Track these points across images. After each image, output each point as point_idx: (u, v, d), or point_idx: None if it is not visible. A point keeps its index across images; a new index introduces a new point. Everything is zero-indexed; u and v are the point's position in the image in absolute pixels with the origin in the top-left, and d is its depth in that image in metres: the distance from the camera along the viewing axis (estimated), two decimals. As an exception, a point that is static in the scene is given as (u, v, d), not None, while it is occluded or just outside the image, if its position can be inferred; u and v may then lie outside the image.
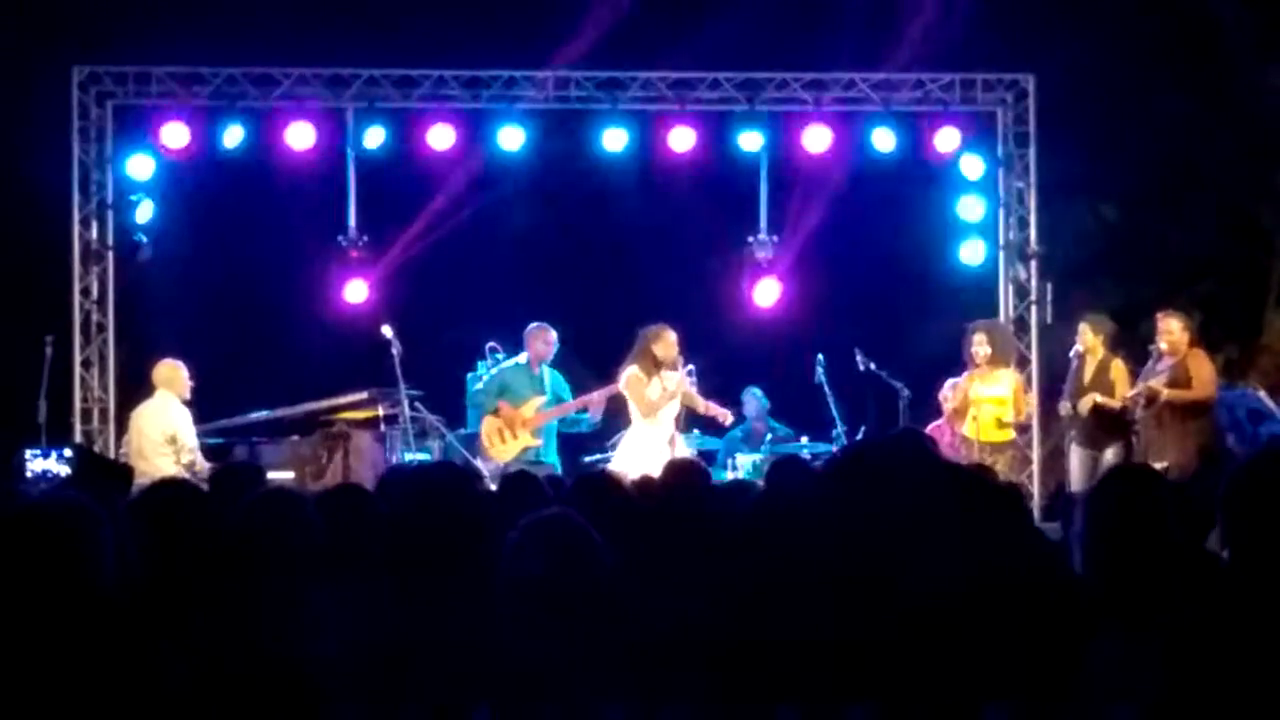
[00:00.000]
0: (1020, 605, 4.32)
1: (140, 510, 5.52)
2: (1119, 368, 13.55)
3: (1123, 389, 13.38)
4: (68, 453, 13.35)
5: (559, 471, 13.13)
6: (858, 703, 3.97)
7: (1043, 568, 4.64)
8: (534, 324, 14.21)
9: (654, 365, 13.60)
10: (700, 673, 4.39)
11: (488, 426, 14.01)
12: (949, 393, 14.38)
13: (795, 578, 4.53)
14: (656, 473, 7.73)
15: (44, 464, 13.26)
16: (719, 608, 4.69)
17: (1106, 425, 13.44)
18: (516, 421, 13.87)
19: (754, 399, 15.89)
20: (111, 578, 4.06)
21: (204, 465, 13.04)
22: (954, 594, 4.14)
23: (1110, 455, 13.29)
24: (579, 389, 14.24)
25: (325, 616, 4.56)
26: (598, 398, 13.98)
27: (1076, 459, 13.65)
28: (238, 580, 4.74)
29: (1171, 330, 13.15)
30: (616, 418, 14.64)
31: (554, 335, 14.15)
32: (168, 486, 5.92)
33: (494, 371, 14.19)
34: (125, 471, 6.85)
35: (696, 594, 4.86)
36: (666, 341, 13.62)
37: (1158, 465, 11.63)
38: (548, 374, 14.14)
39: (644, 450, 13.27)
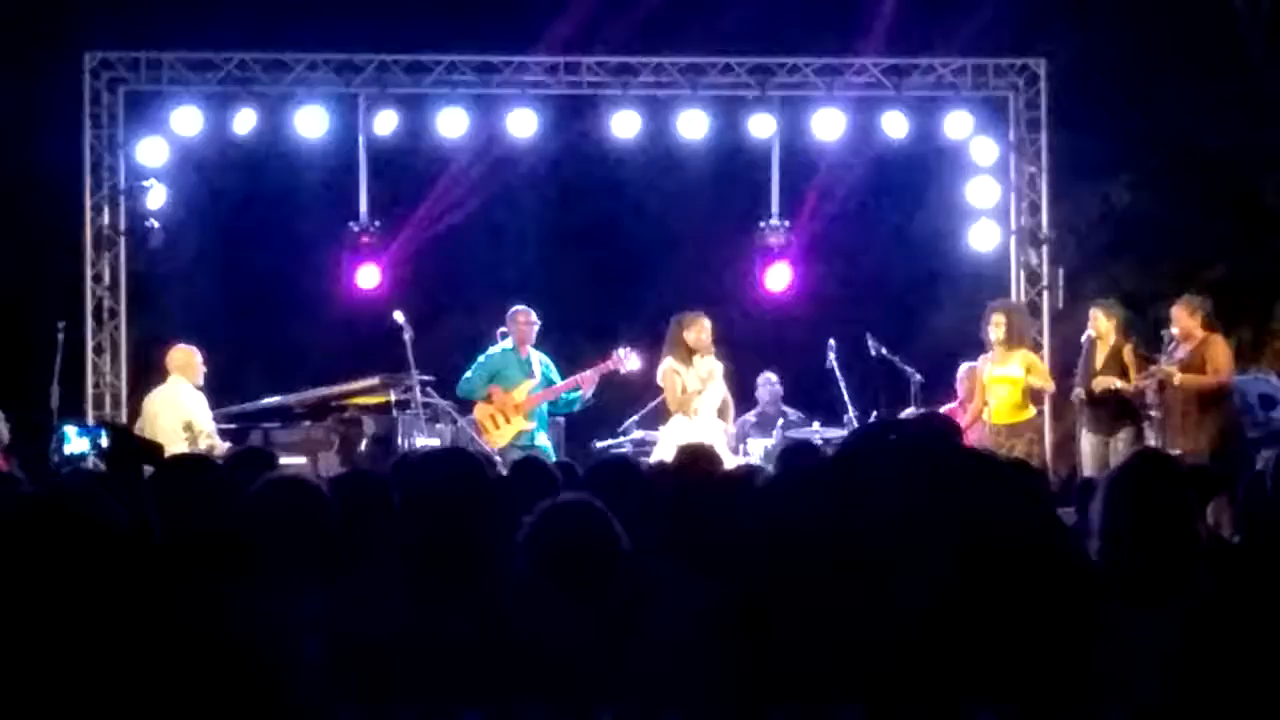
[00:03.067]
0: (1034, 596, 4.31)
1: (161, 485, 5.53)
2: (1130, 353, 13.52)
3: (1135, 374, 13.36)
4: (102, 436, 13.30)
5: (551, 455, 13.10)
6: (860, 702, 3.96)
7: (1059, 556, 4.63)
8: (515, 306, 14.11)
9: (687, 354, 13.43)
10: (706, 666, 4.38)
11: (480, 413, 13.94)
12: (963, 377, 14.37)
13: (803, 570, 4.52)
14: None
15: (74, 445, 13.21)
16: (724, 597, 4.68)
17: (1118, 411, 13.42)
18: (509, 406, 13.79)
19: (769, 384, 15.87)
20: (128, 554, 4.06)
21: (223, 447, 13.04)
22: (964, 586, 4.13)
23: (1122, 441, 13.27)
24: (577, 371, 14.19)
25: (332, 608, 4.55)
26: (590, 375, 13.90)
27: (1088, 445, 13.62)
28: (245, 568, 4.75)
29: (1185, 315, 13.12)
30: (625, 404, 14.65)
31: (535, 315, 14.03)
32: (188, 462, 5.92)
33: (481, 359, 14.13)
34: (158, 450, 6.86)
35: (705, 582, 4.85)
36: (697, 327, 13.40)
37: (1173, 451, 11.61)
38: (536, 357, 14.08)
39: (681, 443, 13.11)
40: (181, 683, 3.70)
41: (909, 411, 13.62)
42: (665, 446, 13.28)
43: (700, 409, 13.38)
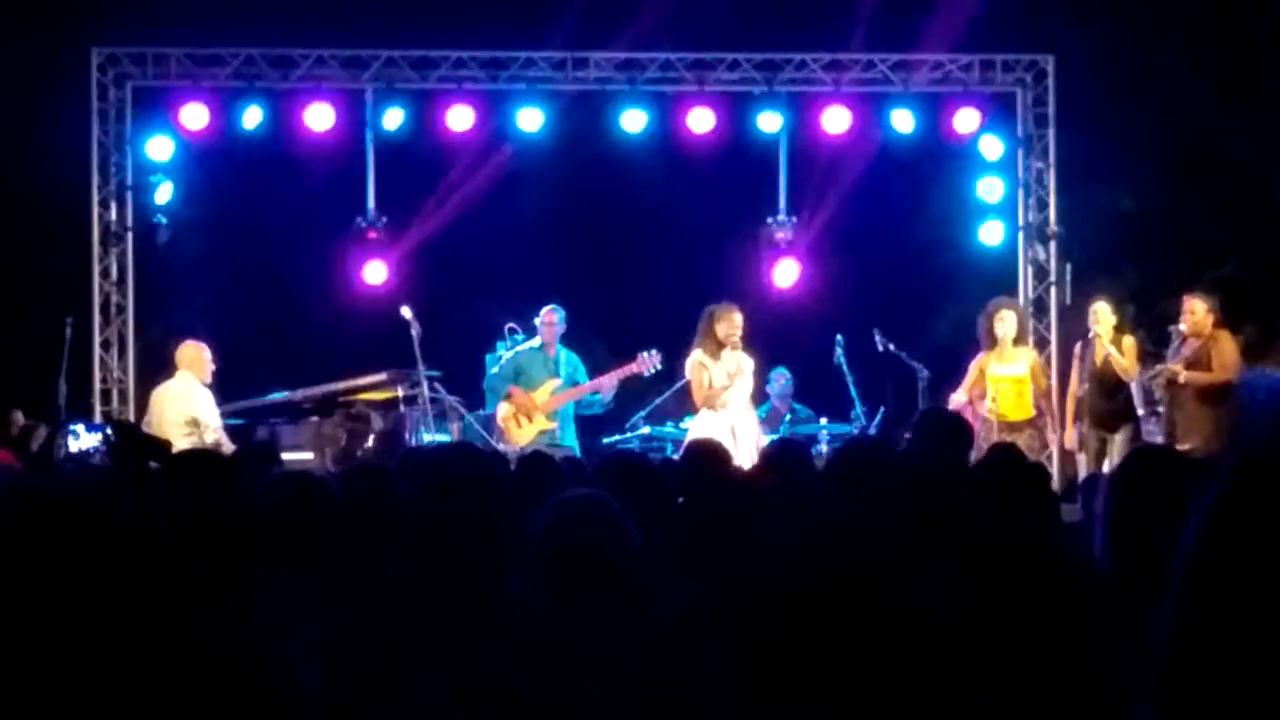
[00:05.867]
0: (1037, 598, 4.30)
1: (168, 481, 5.54)
2: (1130, 344, 13.51)
3: (1132, 365, 13.34)
4: (107, 430, 13.32)
5: (577, 454, 13.07)
6: (860, 701, 3.95)
7: (1063, 558, 4.62)
8: (545, 307, 14.13)
9: (716, 347, 13.28)
10: (713, 662, 4.37)
11: (503, 412, 13.94)
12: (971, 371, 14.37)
13: (798, 568, 4.51)
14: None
15: (80, 442, 13.21)
16: (727, 596, 4.67)
17: (1117, 409, 13.41)
18: (531, 405, 13.79)
19: (782, 380, 15.83)
20: (132, 550, 4.06)
21: (229, 445, 13.04)
22: (967, 587, 4.12)
23: (1120, 438, 13.27)
24: (598, 370, 14.18)
25: (339, 604, 4.55)
26: (609, 380, 13.87)
27: (1087, 442, 13.61)
28: (252, 563, 4.75)
29: (1195, 311, 13.08)
30: (632, 399, 14.65)
31: (560, 315, 14.01)
32: (196, 457, 5.93)
33: (509, 355, 14.12)
34: (164, 446, 6.90)
35: (711, 580, 4.84)
36: (728, 321, 13.26)
37: (1181, 447, 11.60)
38: (563, 356, 14.05)
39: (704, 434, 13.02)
40: (185, 682, 3.70)
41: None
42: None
43: (728, 402, 13.27)
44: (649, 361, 13.79)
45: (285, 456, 12.03)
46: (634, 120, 16.14)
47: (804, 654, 3.91)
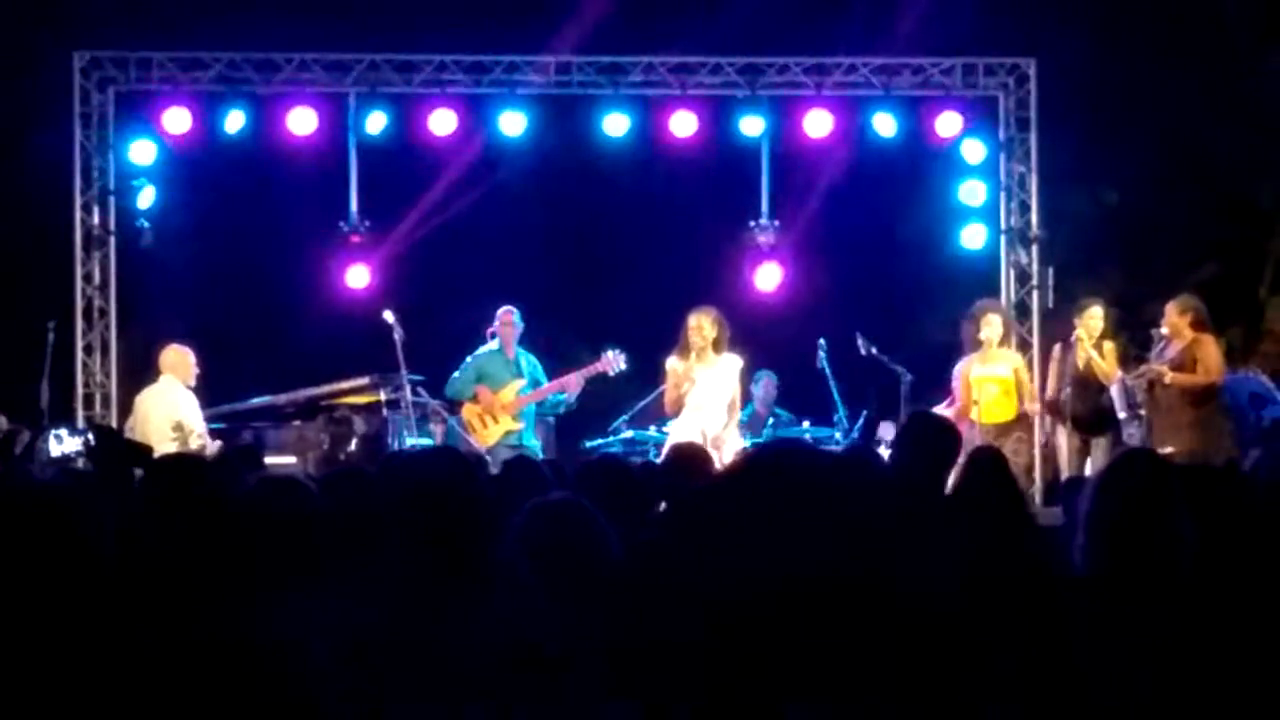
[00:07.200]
0: (1021, 599, 4.31)
1: (151, 486, 5.53)
2: (1111, 348, 13.54)
3: (1112, 368, 13.37)
4: (89, 435, 13.30)
5: (540, 454, 13.13)
6: (859, 703, 3.95)
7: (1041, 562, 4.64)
8: (502, 308, 14.18)
9: (685, 350, 13.03)
10: (702, 666, 4.37)
11: (468, 413, 13.98)
12: (959, 375, 14.39)
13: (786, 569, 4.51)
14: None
15: (63, 446, 13.19)
16: (717, 599, 4.66)
17: (1097, 415, 13.43)
18: (495, 406, 13.84)
19: (768, 383, 15.79)
20: (113, 556, 4.06)
21: (213, 447, 13.04)
22: (954, 588, 4.13)
23: (1101, 441, 13.29)
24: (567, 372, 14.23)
25: (323, 608, 4.55)
26: (574, 379, 13.93)
27: (1067, 448, 13.63)
28: (237, 568, 4.75)
29: (1174, 314, 13.13)
30: (615, 403, 14.65)
31: (517, 316, 14.08)
32: (178, 461, 5.91)
33: (469, 359, 14.16)
34: (145, 452, 6.88)
35: (697, 583, 4.83)
36: (688, 325, 13.01)
37: (1163, 450, 11.62)
38: (524, 358, 14.11)
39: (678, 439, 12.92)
40: (165, 687, 3.70)
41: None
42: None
43: (701, 406, 13.16)
44: (612, 361, 13.83)
45: (268, 460, 12.07)
46: (616, 124, 16.14)
47: (791, 652, 3.92)
